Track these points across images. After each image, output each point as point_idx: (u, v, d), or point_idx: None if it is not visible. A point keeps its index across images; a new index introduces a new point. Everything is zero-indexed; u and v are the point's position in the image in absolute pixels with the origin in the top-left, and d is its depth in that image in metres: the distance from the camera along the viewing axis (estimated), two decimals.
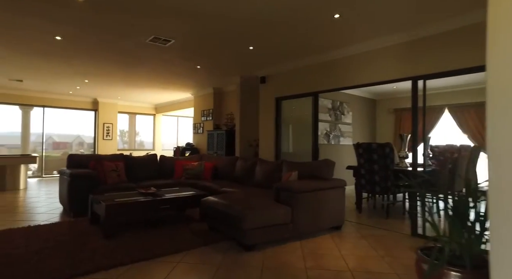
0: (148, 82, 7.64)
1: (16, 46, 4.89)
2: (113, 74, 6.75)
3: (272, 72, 6.02)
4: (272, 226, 3.29)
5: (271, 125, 6.05)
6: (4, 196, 6.19)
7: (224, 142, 7.27)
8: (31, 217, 4.48)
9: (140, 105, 11.38)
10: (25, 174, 7.25)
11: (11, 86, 8.25)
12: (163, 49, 4.85)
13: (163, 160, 6.01)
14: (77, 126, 10.97)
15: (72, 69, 6.30)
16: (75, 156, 5.17)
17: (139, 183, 5.09)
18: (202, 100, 8.64)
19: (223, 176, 5.72)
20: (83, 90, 8.83)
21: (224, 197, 3.77)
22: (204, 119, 8.50)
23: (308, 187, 3.64)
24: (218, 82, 7.54)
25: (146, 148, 11.93)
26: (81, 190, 4.41)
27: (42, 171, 9.57)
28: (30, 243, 3.24)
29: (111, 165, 4.95)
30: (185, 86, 8.13)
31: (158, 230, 3.78)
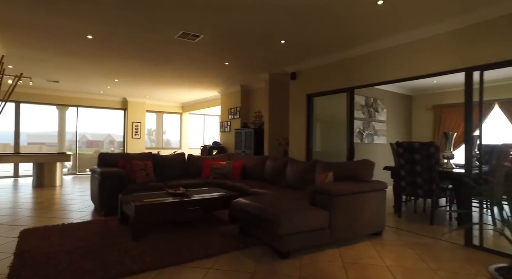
0: (176, 81, 7.61)
1: (51, 47, 4.98)
2: (141, 73, 6.77)
3: (303, 67, 5.74)
4: (308, 232, 3.05)
5: (302, 123, 5.78)
6: (42, 192, 6.39)
7: (252, 141, 7.09)
8: (65, 215, 4.53)
9: (167, 104, 11.49)
10: (60, 171, 7.48)
11: (48, 87, 8.57)
12: (191, 45, 4.73)
13: (191, 159, 5.93)
14: (108, 125, 11.27)
15: (103, 68, 6.37)
16: (105, 154, 5.19)
17: (167, 182, 5.02)
18: (229, 98, 8.51)
19: (252, 176, 5.53)
20: (113, 90, 9.00)
21: (256, 199, 3.57)
22: (231, 117, 8.37)
23: (347, 190, 3.36)
24: (245, 79, 7.37)
25: (172, 146, 12.04)
26: (111, 188, 4.40)
27: (76, 168, 9.89)
28: (64, 242, 3.23)
29: (140, 164, 4.92)
30: (212, 84, 8.03)
31: (186, 231, 3.65)
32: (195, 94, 9.69)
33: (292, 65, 5.86)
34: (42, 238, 3.36)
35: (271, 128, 6.72)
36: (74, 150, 9.95)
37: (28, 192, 6.48)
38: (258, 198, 3.64)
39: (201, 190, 4.38)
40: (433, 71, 3.83)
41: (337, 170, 3.99)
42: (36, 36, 4.46)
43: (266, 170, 5.37)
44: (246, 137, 7.34)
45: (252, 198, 3.65)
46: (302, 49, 4.90)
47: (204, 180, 5.35)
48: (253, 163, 5.68)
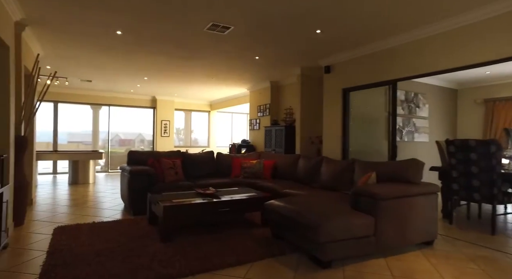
0: (204, 78, 7.49)
1: (83, 45, 5.00)
2: (169, 70, 6.70)
3: (339, 60, 5.35)
4: (351, 239, 2.72)
5: (337, 120, 5.41)
6: (77, 189, 6.52)
7: (283, 139, 6.80)
8: (96, 213, 4.51)
9: (196, 102, 11.48)
10: (93, 169, 7.63)
11: (83, 87, 8.80)
12: (220, 38, 4.53)
13: (220, 157, 5.75)
14: (139, 124, 11.48)
15: (132, 66, 6.37)
16: (135, 152, 5.14)
17: (196, 181, 4.87)
18: (258, 95, 8.27)
19: (283, 176, 5.25)
20: (142, 88, 9.08)
21: (291, 201, 3.29)
22: (260, 115, 8.13)
23: (395, 193, 2.98)
24: (275, 75, 7.08)
25: (200, 145, 12.02)
26: (140, 187, 4.31)
27: (108, 166, 10.13)
28: (93, 242, 3.15)
29: (169, 162, 4.80)
30: (241, 81, 7.83)
31: (216, 234, 3.45)
32: (223, 92, 9.56)
33: (326, 58, 5.50)
34: (73, 236, 3.32)
35: (303, 125, 6.39)
36: (107, 148, 10.19)
37: (65, 189, 6.64)
38: (293, 200, 3.35)
39: (231, 190, 4.17)
40: (494, 58, 3.33)
41: (380, 170, 3.60)
42: (69, 33, 4.47)
43: (298, 169, 5.06)
44: (277, 135, 7.06)
45: (287, 200, 3.37)
46: (339, 40, 4.53)
47: (234, 179, 5.14)
48: (284, 162, 5.40)
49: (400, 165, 3.50)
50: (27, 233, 3.57)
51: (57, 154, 7.63)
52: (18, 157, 3.86)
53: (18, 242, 3.25)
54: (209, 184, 4.62)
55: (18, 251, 3.00)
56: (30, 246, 3.14)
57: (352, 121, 5.43)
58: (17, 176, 3.79)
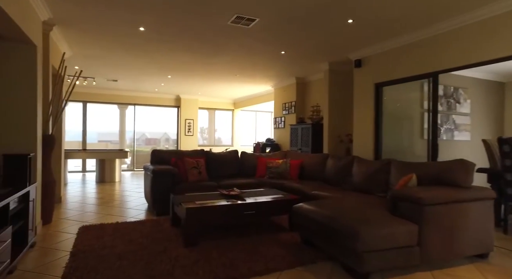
0: (228, 75, 7.34)
1: (108, 43, 5.00)
2: (193, 67, 6.60)
3: (371, 53, 4.99)
4: (392, 249, 2.42)
5: (369, 117, 5.04)
6: (103, 188, 6.60)
7: (309, 137, 6.51)
8: (120, 212, 4.47)
9: (219, 101, 11.39)
10: (119, 167, 7.72)
11: (109, 86, 8.95)
12: (245, 32, 4.33)
13: (245, 157, 5.56)
14: (164, 123, 11.58)
15: (156, 64, 6.33)
16: (158, 151, 5.06)
17: (220, 181, 4.71)
18: (283, 92, 8.01)
19: (310, 176, 4.98)
20: (167, 87, 9.10)
21: (322, 204, 3.03)
22: (285, 113, 7.87)
23: (442, 197, 2.63)
24: (301, 71, 6.79)
25: (223, 144, 11.92)
26: (163, 187, 4.21)
27: (134, 165, 10.27)
28: (115, 243, 3.07)
29: (192, 162, 4.67)
30: (265, 78, 7.61)
31: (241, 238, 3.25)
32: (247, 90, 9.39)
33: (357, 51, 5.14)
34: (96, 237, 3.26)
35: (331, 123, 6.07)
36: (129, 147, 10.35)
37: (92, 187, 6.74)
38: (325, 203, 3.09)
39: (257, 192, 3.96)
40: None
41: (421, 172, 3.25)
42: (93, 32, 4.46)
43: (327, 169, 4.77)
44: (303, 133, 6.77)
45: (317, 203, 3.11)
46: (372, 30, 4.18)
47: (259, 180, 4.93)
48: (312, 161, 5.12)
49: (446, 166, 3.12)
50: (54, 232, 3.56)
51: (85, 152, 7.79)
52: (46, 156, 3.87)
53: (44, 241, 3.25)
54: (233, 185, 4.45)
55: (44, 251, 2.98)
56: (55, 245, 3.12)
57: (383, 119, 5.05)
58: (44, 175, 3.80)
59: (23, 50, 3.38)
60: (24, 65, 3.38)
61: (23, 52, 3.38)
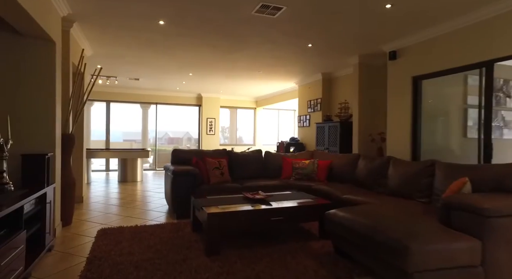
0: (250, 72, 7.07)
1: (128, 40, 4.86)
2: (214, 64, 6.38)
3: (409, 43, 4.53)
4: (449, 269, 2.04)
5: (406, 113, 4.59)
6: (125, 188, 6.53)
7: (337, 136, 6.10)
8: (141, 214, 4.32)
9: (241, 99, 11.16)
10: (141, 167, 7.66)
11: (131, 85, 8.94)
12: (270, 23, 4.03)
13: (269, 157, 5.27)
14: (186, 123, 11.54)
15: (177, 61, 6.16)
16: (179, 151, 4.87)
17: (243, 182, 4.44)
18: (308, 89, 7.63)
19: (340, 178, 4.61)
20: (188, 86, 8.96)
21: (361, 212, 2.68)
22: (310, 110, 7.49)
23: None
24: (328, 66, 6.40)
25: (244, 143, 11.67)
26: (183, 188, 4.00)
27: (156, 164, 10.25)
28: (133, 250, 2.87)
29: (214, 162, 4.43)
30: (289, 74, 7.27)
31: (267, 247, 2.96)
32: (269, 87, 9.08)
33: (392, 42, 4.70)
34: (114, 242, 3.08)
35: (361, 121, 5.64)
36: (157, 147, 10.34)
37: (114, 187, 6.70)
38: (363, 210, 2.73)
39: (284, 195, 3.65)
40: None
41: (475, 175, 2.81)
42: (113, 28, 4.33)
43: (358, 171, 4.38)
44: (330, 132, 6.37)
45: (354, 210, 2.76)
46: (412, 16, 3.75)
47: (284, 181, 4.62)
48: (341, 162, 4.74)
49: (508, 170, 2.67)
50: (73, 234, 3.44)
51: (106, 152, 7.79)
52: (65, 156, 3.76)
53: (62, 244, 3.13)
54: (258, 187, 4.17)
55: (61, 256, 2.85)
56: (73, 250, 2.98)
57: None
58: (64, 175, 3.69)
59: (41, 46, 3.26)
60: (42, 62, 3.27)
61: (42, 49, 3.26)
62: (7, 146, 2.74)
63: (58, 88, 3.44)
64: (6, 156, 2.70)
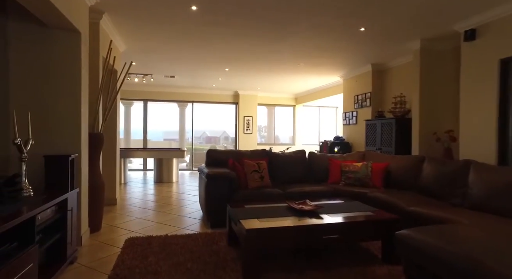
0: (291, 66, 6.49)
1: (160, 32, 4.55)
2: (252, 57, 5.89)
3: (493, 17, 3.65)
4: None
5: (489, 106, 3.72)
6: (160, 189, 6.30)
7: (392, 135, 5.30)
8: (172, 221, 3.95)
9: (279, 96, 10.58)
10: (177, 167, 7.43)
11: (167, 83, 8.77)
12: (318, 4, 3.42)
13: (313, 158, 4.65)
14: (223, 121, 11.32)
15: (213, 55, 5.77)
16: (213, 151, 4.44)
17: (285, 188, 3.90)
18: (355, 82, 6.86)
19: (399, 184, 3.88)
20: (224, 82, 8.59)
21: (448, 235, 2.00)
22: (357, 106, 6.71)
23: None
24: (380, 55, 5.60)
25: (283, 142, 11.06)
26: (218, 194, 3.56)
27: (192, 164, 10.05)
28: (159, 267, 2.48)
29: (253, 164, 3.93)
30: (333, 67, 6.57)
31: (317, 270, 2.39)
32: (311, 82, 8.41)
33: (468, 18, 3.85)
34: (141, 256, 2.71)
35: (422, 117, 4.80)
36: (195, 146, 10.16)
37: (149, 188, 6.51)
38: (451, 233, 2.05)
39: (336, 206, 3.04)
40: None
41: None
42: (143, 17, 4.02)
43: (424, 176, 3.63)
44: (383, 130, 5.57)
45: (437, 232, 2.08)
46: None
47: (332, 187, 4.00)
48: (401, 165, 4.00)
49: None
50: (100, 243, 3.14)
51: (141, 151, 7.66)
52: (93, 156, 3.49)
53: (87, 255, 2.83)
54: (303, 193, 3.61)
55: (82, 271, 2.53)
56: (96, 263, 2.65)
57: None
58: (92, 177, 3.42)
59: (65, 37, 2.98)
60: (66, 55, 2.98)
61: (65, 40, 2.98)
62: (27, 146, 2.47)
63: (84, 83, 3.15)
64: (25, 157, 2.42)
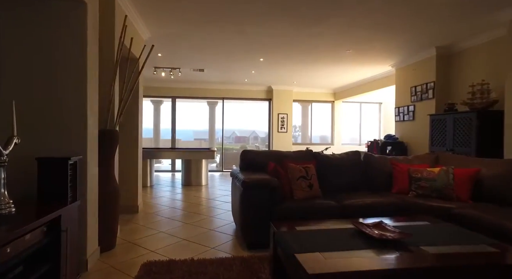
0: (335, 53, 5.61)
1: (186, 14, 3.89)
2: (292, 44, 5.10)
3: None
4: None
5: None
6: (188, 194, 5.69)
7: (472, 132, 4.22)
8: (200, 237, 3.26)
9: (316, 91, 9.65)
10: (206, 168, 6.80)
11: (196, 79, 8.18)
12: None
13: (370, 161, 3.75)
14: (252, 120, 10.86)
15: (245, 42, 5.03)
16: (250, 153, 3.67)
17: (340, 199, 3.06)
18: (413, 71, 5.80)
19: (495, 197, 2.93)
20: (258, 76, 7.84)
21: None
22: (415, 99, 5.66)
23: None
24: (449, 35, 4.55)
25: (319, 142, 10.08)
26: (257, 207, 2.81)
27: (223, 165, 9.42)
28: None
29: (299, 169, 3.13)
30: (386, 53, 5.59)
31: None
32: (353, 75, 7.43)
33: None
34: None
35: None
36: (219, 145, 9.55)
37: (177, 192, 5.92)
38: None
39: (426, 231, 2.15)
40: None
41: None
42: None
43: None
44: (457, 126, 4.49)
45: None
46: None
47: (400, 198, 3.10)
48: (497, 172, 3.03)
49: None
50: (110, 268, 2.50)
51: (167, 152, 7.12)
52: (105, 157, 2.87)
53: None
54: (363, 207, 2.82)
55: None
56: None
57: None
58: (103, 183, 2.80)
59: (67, 10, 2.37)
60: (69, 31, 2.37)
61: (68, 13, 2.37)
62: (8, 146, 1.86)
63: (92, 68, 2.52)
64: (5, 161, 1.81)
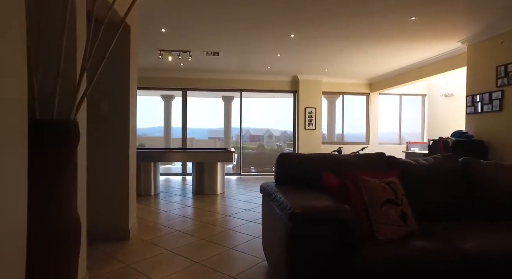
0: (389, 26, 4.27)
1: None
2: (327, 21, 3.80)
3: None
4: None
5: None
6: (199, 208, 4.48)
7: None
8: None
9: (348, 82, 8.26)
10: (222, 173, 5.60)
11: (210, 66, 6.96)
12: None
13: (472, 170, 2.43)
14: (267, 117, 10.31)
15: (273, 14, 3.77)
16: (289, 157, 2.37)
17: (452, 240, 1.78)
18: (499, 46, 4.40)
19: None
20: (283, 62, 6.57)
21: None
22: (502, 83, 4.25)
23: None
24: None
25: (351, 140, 8.68)
26: (318, 254, 1.54)
27: (241, 168, 8.19)
28: None
29: (382, 187, 1.84)
30: (451, 27, 4.23)
31: None
32: (401, 59, 6.07)
33: None
34: None
35: None
36: (235, 144, 8.37)
37: (186, 204, 4.73)
38: None
39: None
40: None
41: None
42: None
43: None
44: None
45: None
46: None
47: None
48: None
49: None
50: None
51: (174, 153, 5.96)
52: (47, 171, 1.67)
53: None
54: (497, 256, 1.48)
55: None
56: None
57: None
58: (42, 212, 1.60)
59: None
60: None
61: None
62: None
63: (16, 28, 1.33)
64: None
